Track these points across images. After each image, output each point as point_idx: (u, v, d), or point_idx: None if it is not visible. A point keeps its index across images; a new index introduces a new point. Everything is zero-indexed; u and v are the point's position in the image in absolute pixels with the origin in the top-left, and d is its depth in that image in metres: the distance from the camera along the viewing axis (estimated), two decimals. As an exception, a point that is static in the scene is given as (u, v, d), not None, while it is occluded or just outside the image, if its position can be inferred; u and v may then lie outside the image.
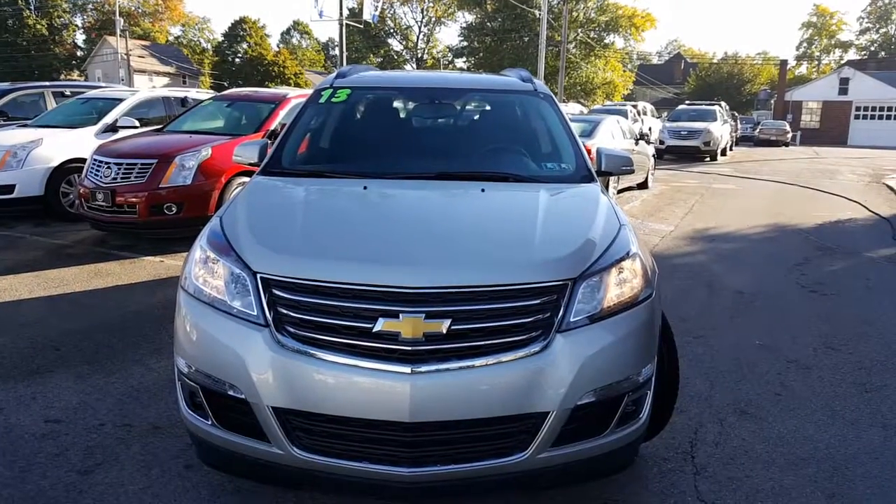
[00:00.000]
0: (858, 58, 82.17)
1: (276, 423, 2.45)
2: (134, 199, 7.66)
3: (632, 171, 4.19)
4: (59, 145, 9.48)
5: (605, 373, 2.57)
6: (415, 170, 3.78)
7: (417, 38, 69.75)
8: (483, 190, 3.40)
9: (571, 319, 2.54)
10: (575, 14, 50.80)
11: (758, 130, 43.16)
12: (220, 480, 3.11)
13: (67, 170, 9.47)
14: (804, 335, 5.40)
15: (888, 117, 52.08)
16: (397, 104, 4.61)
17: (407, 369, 2.36)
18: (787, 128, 43.39)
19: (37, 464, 3.25)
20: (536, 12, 37.87)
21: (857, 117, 53.10)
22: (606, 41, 54.36)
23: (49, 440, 3.48)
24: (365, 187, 3.43)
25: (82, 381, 4.21)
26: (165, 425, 3.65)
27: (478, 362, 2.41)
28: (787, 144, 41.90)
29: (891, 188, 16.23)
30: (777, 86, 60.99)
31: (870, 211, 12.59)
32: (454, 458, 2.45)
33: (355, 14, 40.17)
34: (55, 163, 9.34)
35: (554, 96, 4.54)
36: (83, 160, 8.89)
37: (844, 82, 53.52)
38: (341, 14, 29.65)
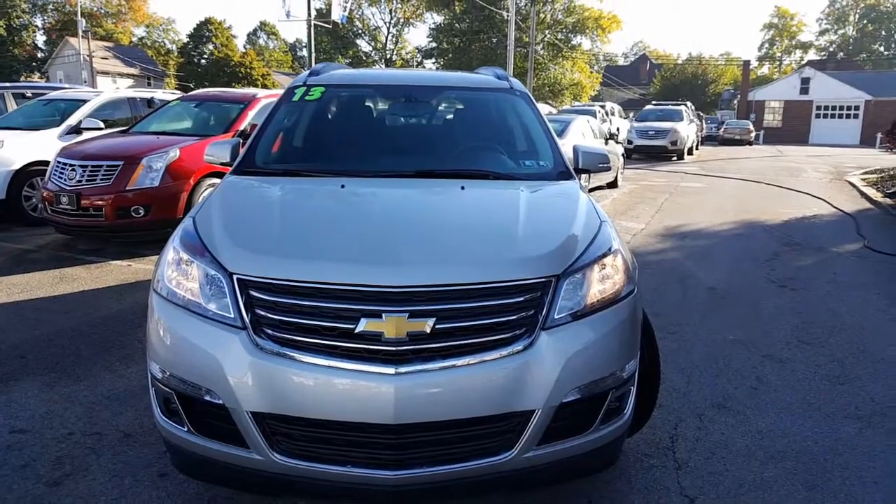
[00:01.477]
0: (818, 58, 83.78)
1: (255, 429, 2.39)
2: (100, 202, 7.49)
3: (608, 169, 4.18)
4: (21, 148, 9.24)
5: (590, 369, 2.54)
6: (393, 168, 3.74)
7: (386, 38, 69.57)
8: (463, 188, 3.36)
9: (555, 316, 2.52)
10: (542, 15, 51.17)
11: (722, 130, 43.75)
12: (197, 489, 3.03)
13: (30, 173, 9.25)
14: (777, 330, 5.45)
15: (848, 116, 53.15)
16: (373, 102, 4.55)
17: (390, 370, 2.31)
18: (751, 127, 44.08)
19: (2, 476, 3.14)
20: (504, 14, 38.01)
21: (817, 116, 54.11)
22: (573, 42, 54.83)
23: (15, 451, 3.37)
24: (342, 186, 3.37)
25: (49, 389, 4.09)
26: (137, 433, 3.55)
27: (462, 361, 2.37)
28: (750, 143, 42.54)
29: (853, 185, 16.53)
30: (740, 86, 61.89)
31: (834, 207, 12.81)
32: (440, 460, 2.41)
33: (323, 14, 39.87)
34: (17, 165, 9.12)
35: (530, 94, 4.53)
36: (46, 163, 8.72)
37: (805, 82, 54.53)
38: (309, 14, 29.38)
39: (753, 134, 43.83)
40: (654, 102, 36.21)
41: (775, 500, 3.05)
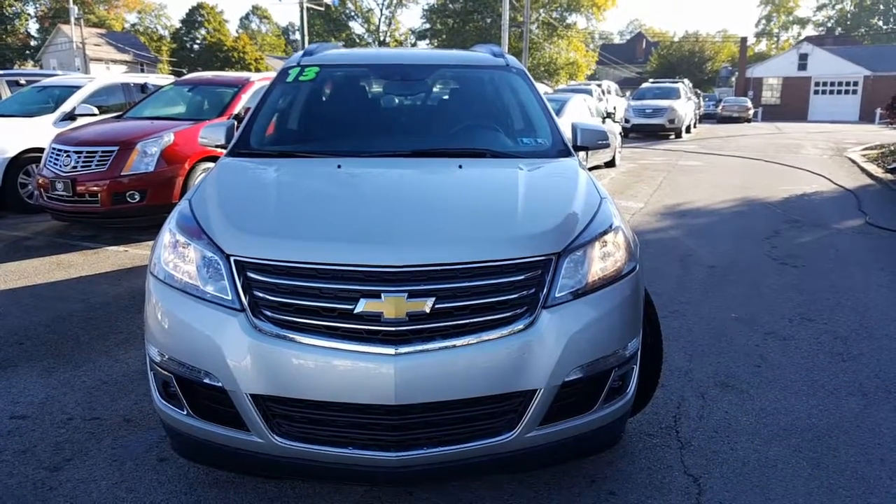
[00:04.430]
0: (816, 34, 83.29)
1: (255, 411, 2.36)
2: (95, 188, 7.45)
3: (607, 146, 4.13)
4: (16, 135, 9.18)
5: (592, 348, 2.52)
6: (389, 148, 3.70)
7: (379, 20, 69.14)
8: (461, 166, 3.31)
9: (556, 295, 2.48)
10: (537, -6, 50.74)
11: (720, 107, 43.60)
12: (197, 473, 3.01)
13: (25, 160, 9.20)
14: (779, 307, 5.43)
15: (846, 92, 52.94)
16: (368, 81, 4.49)
17: (391, 350, 2.28)
18: (749, 104, 43.89)
19: (2, 462, 3.12)
20: (499, -7, 37.69)
21: (816, 92, 53.89)
22: (568, 21, 54.49)
23: (15, 437, 3.35)
24: (339, 166, 3.32)
25: (48, 374, 4.06)
26: (137, 417, 3.53)
27: (463, 341, 2.34)
28: (749, 120, 42.40)
29: (853, 161, 16.48)
30: (738, 63, 61.58)
31: (834, 184, 12.76)
32: (441, 441, 2.38)
33: (316, -3, 39.61)
34: (12, 153, 9.06)
35: (527, 71, 4.47)
36: (41, 150, 8.64)
37: (803, 58, 54.26)
38: (302, -3, 29.17)
39: (752, 111, 43.68)
40: (651, 80, 35.94)
41: (780, 478, 3.03)
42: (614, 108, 23.45)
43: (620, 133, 16.94)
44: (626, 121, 24.83)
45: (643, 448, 3.28)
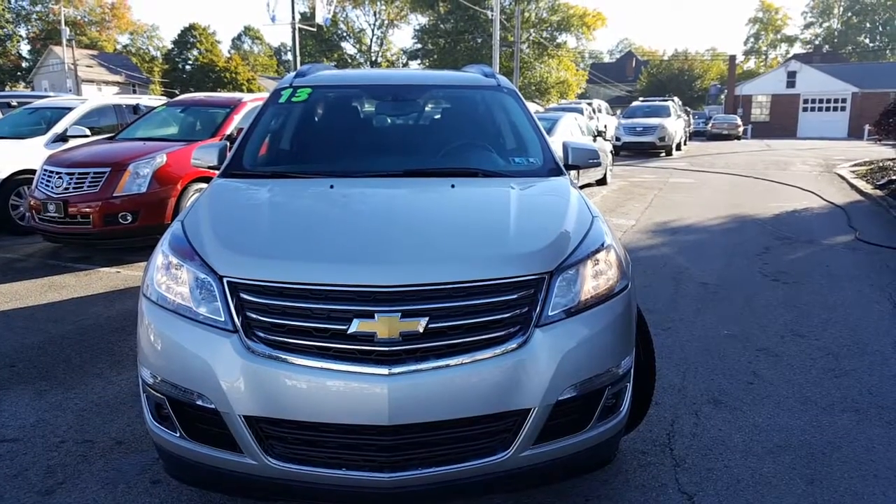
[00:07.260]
0: (804, 51, 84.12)
1: (248, 433, 2.36)
2: (87, 209, 7.44)
3: (599, 164, 4.16)
4: (7, 157, 9.16)
5: (586, 366, 2.52)
6: (382, 168, 3.72)
7: (371, 41, 69.58)
8: (453, 186, 3.33)
9: (549, 313, 2.49)
10: (527, 14, 51.28)
11: (710, 125, 43.82)
12: (190, 495, 2.99)
13: (16, 182, 9.18)
14: (771, 323, 5.45)
15: (835, 109, 53.32)
16: (360, 102, 4.52)
17: (384, 370, 2.28)
18: (739, 122, 44.13)
19: (-6, 487, 3.10)
20: (489, 13, 37.98)
21: (805, 109, 54.25)
22: (559, 41, 55.02)
23: (6, 460, 3.32)
24: (331, 186, 3.33)
25: (39, 397, 4.04)
26: (129, 440, 3.51)
27: (456, 360, 2.34)
28: (739, 138, 42.62)
29: (842, 177, 16.60)
30: (727, 81, 62.07)
31: (824, 200, 12.85)
32: (436, 461, 2.38)
33: (307, 18, 39.80)
34: (3, 175, 9.04)
35: (518, 91, 4.51)
36: (33, 171, 8.65)
37: (792, 76, 54.69)
38: (293, 18, 29.30)
39: (741, 128, 43.91)
40: (641, 99, 36.16)
41: (775, 496, 3.04)
42: (605, 127, 23.63)
43: (611, 151, 17.03)
44: (617, 139, 24.95)
45: (637, 466, 3.28)
